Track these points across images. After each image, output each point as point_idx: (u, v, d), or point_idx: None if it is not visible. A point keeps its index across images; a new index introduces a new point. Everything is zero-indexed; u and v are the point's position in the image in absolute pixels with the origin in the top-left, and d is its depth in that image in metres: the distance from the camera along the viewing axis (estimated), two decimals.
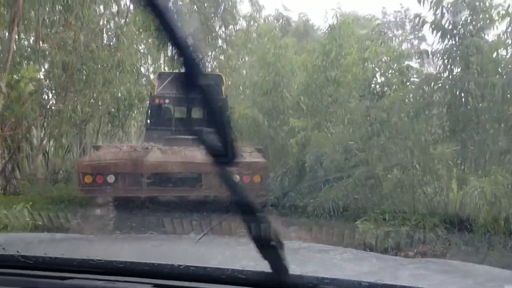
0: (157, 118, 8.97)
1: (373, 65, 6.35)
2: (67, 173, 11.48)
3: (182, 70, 0.92)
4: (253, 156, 6.09)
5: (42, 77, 9.20)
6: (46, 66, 9.06)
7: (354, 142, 6.25)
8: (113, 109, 13.39)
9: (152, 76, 15.58)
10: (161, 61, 15.56)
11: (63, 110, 9.25)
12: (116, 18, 10.75)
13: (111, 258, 1.18)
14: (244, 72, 11.85)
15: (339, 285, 1.03)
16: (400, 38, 9.81)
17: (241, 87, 10.86)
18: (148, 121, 9.27)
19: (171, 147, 6.63)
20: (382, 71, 6.41)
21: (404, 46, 9.29)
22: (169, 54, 15.07)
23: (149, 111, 9.30)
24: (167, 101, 8.84)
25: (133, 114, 15.03)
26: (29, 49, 8.19)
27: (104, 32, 9.76)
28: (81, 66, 9.36)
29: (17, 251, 1.19)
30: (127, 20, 10.76)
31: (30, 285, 1.13)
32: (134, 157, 6.01)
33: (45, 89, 9.15)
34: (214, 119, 0.96)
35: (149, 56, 14.52)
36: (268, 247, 0.96)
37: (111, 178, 5.47)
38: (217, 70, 24.27)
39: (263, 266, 1.00)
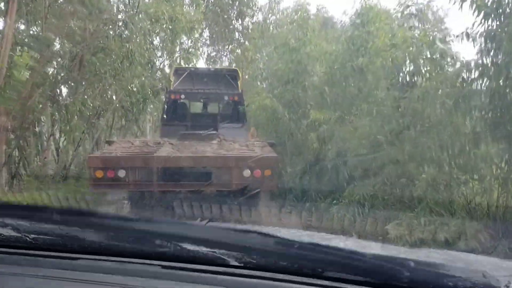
0: (173, 113, 8.95)
1: (405, 51, 5.65)
2: (79, 169, 11.17)
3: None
4: (264, 150, 6.11)
5: (51, 69, 8.81)
6: (54, 56, 8.61)
7: (383, 136, 5.59)
8: (126, 103, 13.03)
9: (166, 69, 15.19)
10: (176, 55, 15.12)
11: (71, 103, 8.86)
12: (127, 8, 10.24)
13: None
14: (262, 64, 11.25)
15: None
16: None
17: (260, 77, 10.23)
18: (164, 116, 9.19)
19: (183, 142, 6.63)
20: (412, 57, 5.71)
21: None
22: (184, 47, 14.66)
23: (165, 106, 9.26)
24: (182, 96, 8.83)
25: (148, 109, 14.59)
26: (31, 38, 7.76)
27: (114, 21, 9.23)
28: (91, 58, 8.94)
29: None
30: (138, 9, 10.28)
31: (38, 265, 1.13)
32: (145, 152, 6.08)
33: (53, 81, 8.67)
34: None
35: (162, 49, 14.04)
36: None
37: (122, 173, 5.44)
38: (233, 65, 23.90)
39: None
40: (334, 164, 6.96)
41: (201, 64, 28.00)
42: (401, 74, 6.03)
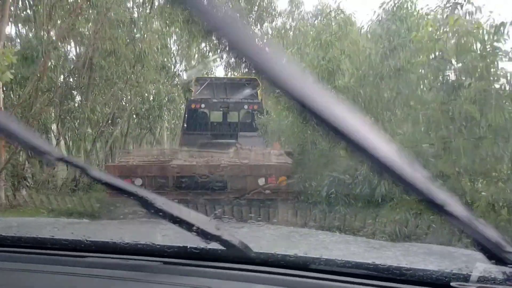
0: (194, 122, 9.06)
1: (461, 42, 4.74)
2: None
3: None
4: (279, 158, 6.16)
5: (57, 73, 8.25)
6: (60, 60, 8.04)
7: (430, 145, 4.69)
8: (141, 110, 12.46)
9: (183, 75, 14.61)
10: (193, 60, 14.52)
11: (78, 109, 8.28)
12: (140, 8, 9.65)
13: (122, 239, 1.24)
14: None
15: (327, 264, 1.12)
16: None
17: None
18: (185, 125, 9.37)
19: (200, 151, 6.66)
20: (468, 49, 4.80)
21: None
22: (201, 50, 14.04)
23: (186, 115, 9.41)
24: (203, 105, 8.96)
25: (164, 116, 13.97)
26: (36, 40, 7.21)
27: (124, 23, 8.63)
28: (99, 61, 8.36)
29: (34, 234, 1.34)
30: (152, 11, 9.68)
31: (52, 263, 1.22)
32: (161, 161, 6.15)
33: (59, 86, 8.10)
34: None
35: (179, 53, 13.45)
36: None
37: (138, 181, 5.52)
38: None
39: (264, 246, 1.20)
40: (366, 177, 6.09)
41: (220, 70, 27.50)
42: (449, 72, 5.13)
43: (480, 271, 1.02)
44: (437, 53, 4.80)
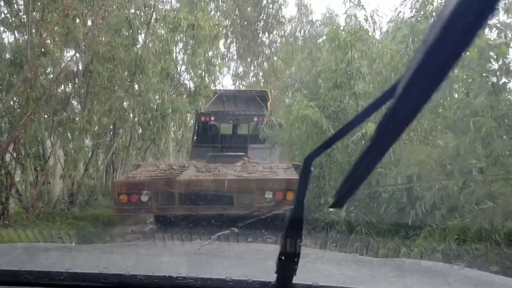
0: (203, 135, 9.29)
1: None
2: (89, 195, 9.88)
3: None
4: (287, 173, 6.03)
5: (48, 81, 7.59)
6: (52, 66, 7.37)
7: (477, 160, 3.88)
8: (143, 121, 11.77)
9: (189, 84, 13.94)
10: (199, 69, 13.83)
11: (74, 120, 7.60)
12: (141, 12, 8.98)
13: (106, 271, 1.16)
14: (295, 72, 9.80)
15: None
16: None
17: (292, 88, 8.69)
18: (195, 137, 9.59)
19: (207, 165, 6.64)
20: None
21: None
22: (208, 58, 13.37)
23: (196, 128, 9.64)
24: (213, 118, 9.17)
25: (169, 127, 13.22)
26: (22, 45, 6.55)
27: (125, 27, 7.96)
28: (96, 67, 7.68)
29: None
30: (154, 16, 9.03)
31: None
32: (168, 176, 6.07)
33: (50, 95, 7.43)
34: None
35: (184, 61, 12.78)
36: (283, 258, 0.98)
37: (145, 197, 5.50)
38: (261, 80, 22.64)
39: (264, 276, 1.05)
40: (395, 196, 5.31)
41: (227, 79, 26.96)
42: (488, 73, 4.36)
43: None
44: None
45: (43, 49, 6.27)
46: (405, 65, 5.92)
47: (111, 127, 9.71)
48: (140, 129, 11.94)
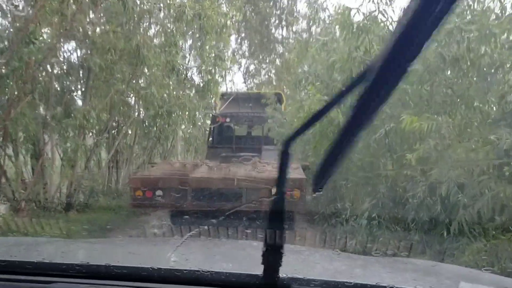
0: (219, 136, 9.61)
1: None
2: (89, 196, 9.31)
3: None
4: (294, 172, 6.13)
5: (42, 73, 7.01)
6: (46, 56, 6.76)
7: None
8: (148, 118, 11.18)
9: (196, 78, 13.33)
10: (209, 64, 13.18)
11: (69, 115, 7.01)
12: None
13: (93, 262, 1.18)
14: (308, 65, 9.09)
15: (310, 285, 1.07)
16: None
17: (309, 78, 7.96)
18: (210, 138, 9.92)
19: (219, 164, 6.88)
20: None
21: None
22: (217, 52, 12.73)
23: (211, 129, 9.97)
24: (228, 119, 9.40)
25: (175, 125, 12.57)
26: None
27: (121, 13, 7.30)
28: (93, 59, 7.08)
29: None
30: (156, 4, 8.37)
31: None
32: (181, 173, 6.30)
33: (44, 88, 6.84)
34: None
35: (192, 55, 12.14)
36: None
37: (159, 192, 5.78)
38: (273, 77, 21.95)
39: (248, 268, 1.09)
40: (424, 199, 4.55)
41: (239, 76, 26.35)
42: None
43: None
44: None
45: (31, 36, 5.66)
46: (435, 52, 5.18)
47: (113, 124, 9.11)
48: (145, 127, 11.33)
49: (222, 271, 1.10)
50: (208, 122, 17.11)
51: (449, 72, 4.93)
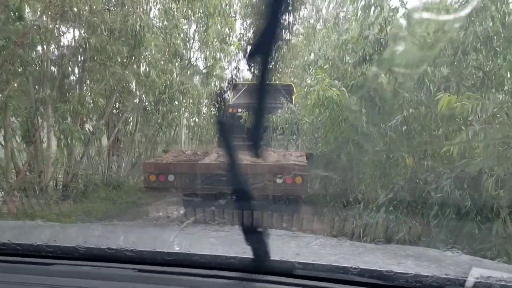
0: (230, 126, 9.39)
1: None
2: (86, 185, 8.91)
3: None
4: (298, 159, 6.49)
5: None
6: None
7: None
8: (150, 104, 10.72)
9: (200, 64, 12.83)
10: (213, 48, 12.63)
11: (63, 99, 6.56)
12: None
13: (96, 245, 1.19)
14: (318, 48, 8.53)
15: (314, 269, 1.08)
16: None
17: (318, 61, 7.42)
18: None
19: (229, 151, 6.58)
20: None
21: None
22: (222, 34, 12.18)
23: (224, 119, 9.86)
24: (239, 110, 9.66)
25: (178, 112, 12.07)
26: None
27: None
28: (87, 39, 6.59)
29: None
30: None
31: (15, 271, 1.13)
32: (192, 160, 6.71)
33: (36, 70, 6.38)
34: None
35: (193, 37, 11.60)
36: (253, 233, 1.04)
37: (171, 177, 6.08)
38: (279, 64, 21.35)
39: (244, 251, 1.07)
40: (451, 194, 4.04)
41: (243, 64, 25.82)
42: None
43: (477, 276, 0.94)
44: None
45: (16, 13, 5.18)
46: (463, 28, 4.62)
47: (113, 110, 8.65)
48: (146, 114, 10.88)
49: (214, 254, 1.12)
50: (213, 110, 16.92)
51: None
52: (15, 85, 5.80)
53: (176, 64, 10.32)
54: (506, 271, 1.02)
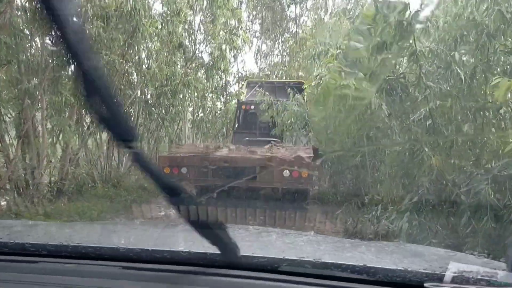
0: (243, 122, 10.50)
1: None
2: (82, 182, 8.43)
3: None
4: (304, 153, 6.55)
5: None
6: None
7: None
8: (152, 97, 10.22)
9: (205, 57, 12.29)
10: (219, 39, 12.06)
11: (51, 88, 6.07)
12: None
13: (81, 243, 1.21)
14: (329, 36, 7.95)
15: (297, 264, 1.09)
16: None
17: (329, 50, 6.83)
18: (236, 124, 10.80)
19: (239, 146, 7.74)
20: None
21: None
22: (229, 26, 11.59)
23: (237, 115, 10.87)
24: (252, 107, 10.12)
25: (180, 106, 11.52)
26: None
27: None
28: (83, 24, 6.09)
29: None
30: None
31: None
32: (203, 153, 6.88)
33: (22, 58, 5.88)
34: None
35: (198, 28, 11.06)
36: (210, 229, 1.03)
37: (184, 170, 6.50)
38: (286, 58, 20.78)
39: (212, 247, 1.07)
40: (486, 197, 3.49)
41: (250, 57, 25.23)
42: None
43: (454, 271, 0.98)
44: None
45: None
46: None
47: None
48: (148, 107, 10.38)
49: (185, 250, 1.13)
50: (219, 104, 16.54)
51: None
52: (1, 75, 5.26)
53: (179, 55, 9.79)
54: (483, 265, 1.04)
